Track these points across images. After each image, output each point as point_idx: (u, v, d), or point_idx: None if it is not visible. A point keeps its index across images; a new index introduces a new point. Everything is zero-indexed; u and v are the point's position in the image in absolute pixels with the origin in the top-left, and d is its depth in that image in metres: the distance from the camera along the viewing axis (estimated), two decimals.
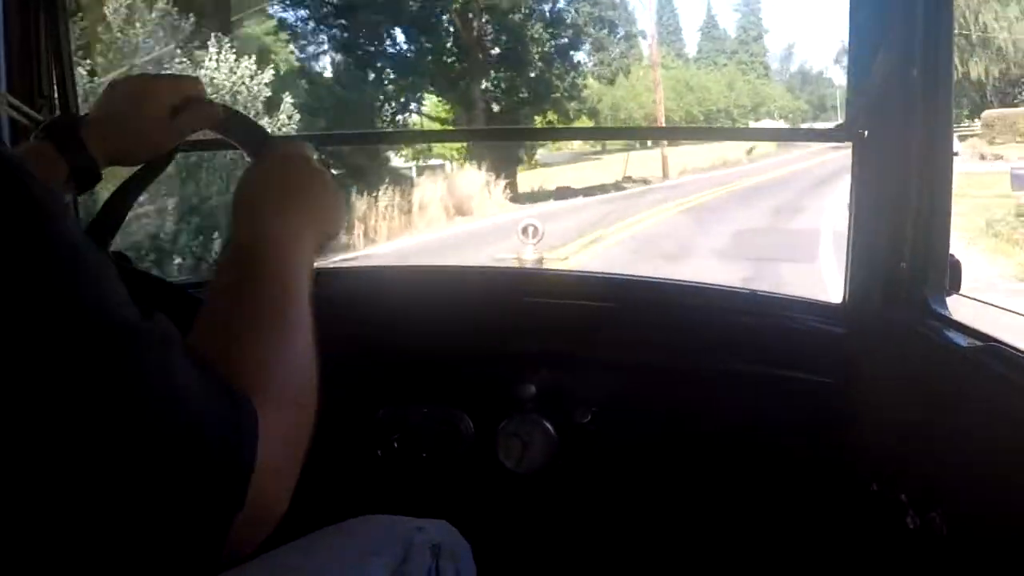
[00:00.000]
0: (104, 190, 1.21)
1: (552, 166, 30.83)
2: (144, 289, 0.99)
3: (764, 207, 17.32)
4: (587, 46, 27.01)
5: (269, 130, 1.33)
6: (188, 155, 8.27)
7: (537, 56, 24.25)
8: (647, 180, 25.29)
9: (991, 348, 1.18)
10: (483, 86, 23.96)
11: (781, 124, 44.75)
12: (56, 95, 1.83)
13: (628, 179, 25.67)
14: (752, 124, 41.19)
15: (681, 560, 1.72)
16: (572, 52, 25.47)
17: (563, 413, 1.72)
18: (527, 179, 25.60)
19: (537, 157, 30.49)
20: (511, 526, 1.75)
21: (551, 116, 24.76)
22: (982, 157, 20.44)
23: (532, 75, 24.64)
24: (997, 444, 1.12)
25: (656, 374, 1.73)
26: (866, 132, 1.49)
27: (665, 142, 25.10)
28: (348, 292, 1.89)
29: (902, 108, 1.42)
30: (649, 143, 28.07)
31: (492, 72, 24.17)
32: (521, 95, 24.61)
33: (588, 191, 22.76)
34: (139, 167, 1.15)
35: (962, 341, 1.27)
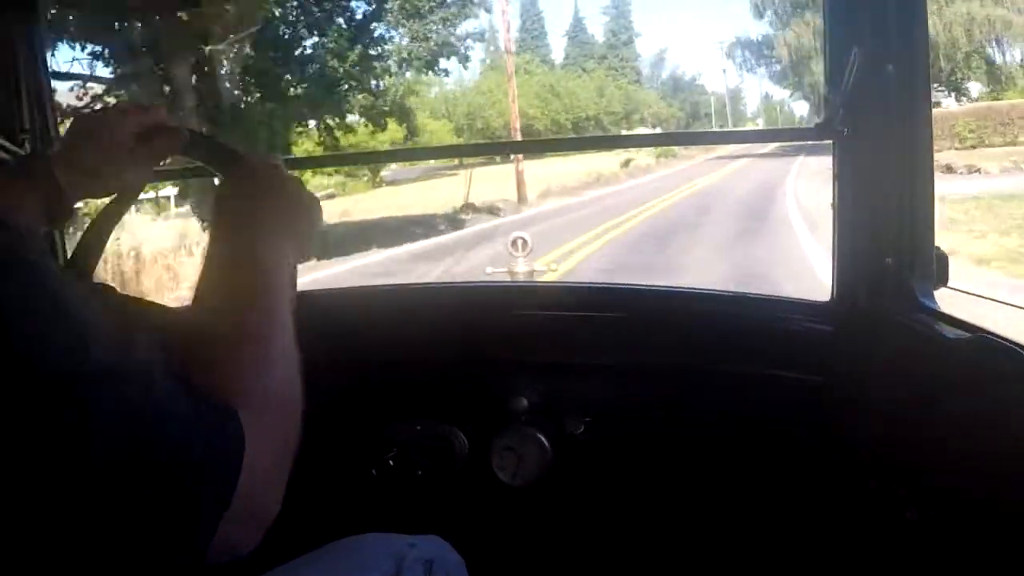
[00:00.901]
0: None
1: (400, 184, 26.62)
2: (130, 313, 1.02)
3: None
4: (393, 12, 17.15)
5: None
6: None
7: (287, 23, 15.98)
8: (495, 208, 18.64)
9: (981, 339, 1.18)
10: (217, 71, 14.20)
11: (658, 131, 42.02)
12: (38, 129, 1.84)
13: (470, 207, 18.89)
14: (625, 132, 37.96)
15: (681, 565, 1.71)
16: (374, 23, 16.68)
17: (556, 424, 1.72)
18: (342, 207, 19.11)
19: (384, 174, 26.63)
20: (508, 540, 1.74)
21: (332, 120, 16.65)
22: (949, 169, 17.10)
23: (296, 52, 16.13)
24: (992, 434, 1.12)
25: (647, 381, 1.73)
26: (846, 130, 1.49)
27: (522, 156, 19.76)
28: (339, 312, 1.89)
29: (879, 103, 1.43)
30: (512, 155, 21.98)
31: (225, 49, 13.99)
32: (281, 87, 15.84)
33: (399, 234, 15.16)
34: (113, 197, 1.15)
35: (951, 333, 1.27)
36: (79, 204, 1.12)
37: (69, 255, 1.17)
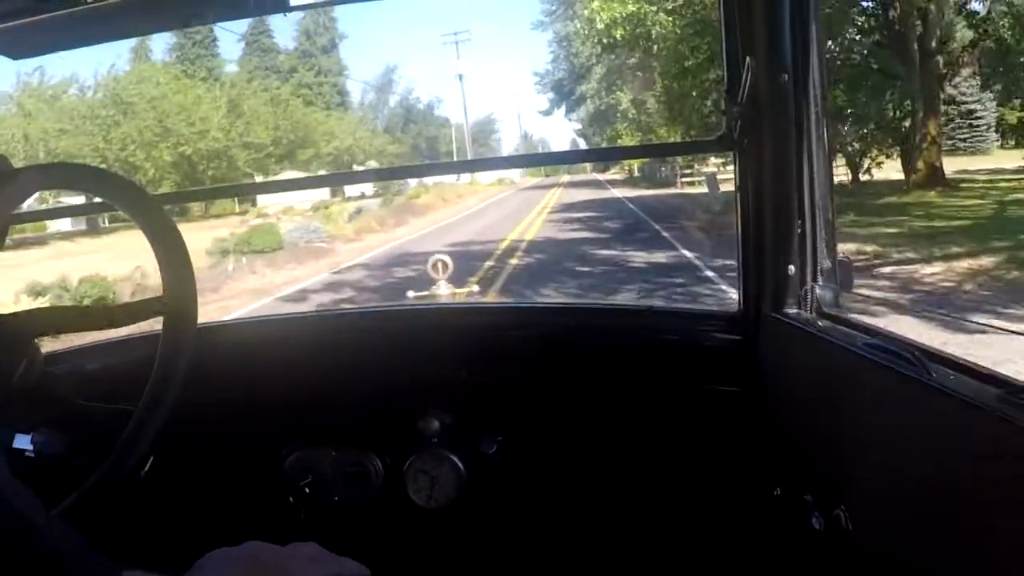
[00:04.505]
0: None
1: None
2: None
3: None
4: None
5: None
6: None
7: None
8: None
9: (883, 343, 1.19)
10: None
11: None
12: None
13: None
14: (288, 175, 25.48)
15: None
16: None
17: (469, 445, 1.71)
18: None
19: None
20: (426, 564, 1.71)
21: None
22: None
23: None
24: (894, 437, 1.12)
25: (559, 398, 1.72)
26: (746, 141, 1.50)
27: None
28: (249, 343, 1.85)
29: (776, 114, 1.44)
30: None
31: None
32: None
33: None
34: None
35: (853, 338, 1.28)
36: None
37: None
